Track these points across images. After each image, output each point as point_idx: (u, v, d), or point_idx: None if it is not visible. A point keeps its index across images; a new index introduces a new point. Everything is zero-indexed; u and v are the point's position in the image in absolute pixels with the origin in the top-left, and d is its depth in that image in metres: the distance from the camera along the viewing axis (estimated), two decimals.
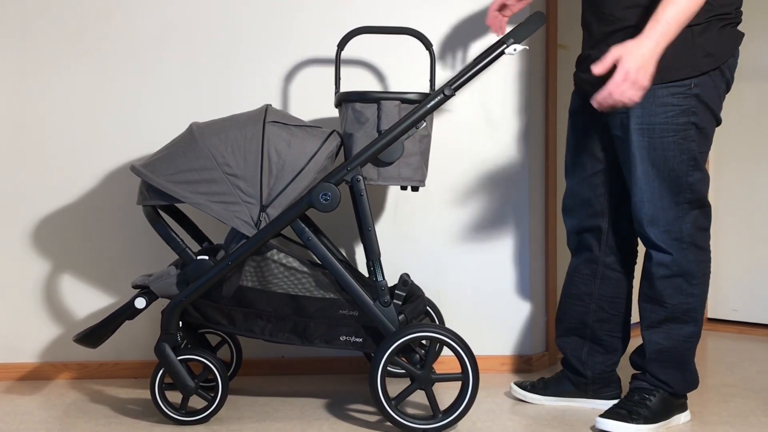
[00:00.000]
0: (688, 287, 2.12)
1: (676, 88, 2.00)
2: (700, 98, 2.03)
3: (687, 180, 2.07)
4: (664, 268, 2.11)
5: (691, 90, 2.02)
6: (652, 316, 2.17)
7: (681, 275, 2.11)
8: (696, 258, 2.11)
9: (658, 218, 2.09)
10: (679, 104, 2.02)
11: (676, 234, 2.09)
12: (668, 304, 2.13)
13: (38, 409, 2.39)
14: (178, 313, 2.16)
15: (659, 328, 2.16)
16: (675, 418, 2.19)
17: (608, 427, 2.11)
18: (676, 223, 2.09)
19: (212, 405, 2.18)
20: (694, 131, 2.05)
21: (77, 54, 2.70)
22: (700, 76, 2.01)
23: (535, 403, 2.40)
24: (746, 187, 3.55)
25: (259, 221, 2.13)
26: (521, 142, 2.78)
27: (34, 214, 2.71)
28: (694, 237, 2.10)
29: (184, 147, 2.14)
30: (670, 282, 2.12)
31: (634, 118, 2.06)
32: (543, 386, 2.42)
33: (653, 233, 2.10)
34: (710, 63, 2.02)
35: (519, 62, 2.77)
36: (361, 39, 2.46)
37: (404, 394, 2.11)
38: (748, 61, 3.47)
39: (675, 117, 2.03)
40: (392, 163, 2.17)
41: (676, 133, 2.04)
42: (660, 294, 2.13)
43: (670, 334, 2.15)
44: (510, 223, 2.79)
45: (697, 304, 2.14)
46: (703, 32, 1.99)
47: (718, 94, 2.06)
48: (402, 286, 2.17)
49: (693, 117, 2.03)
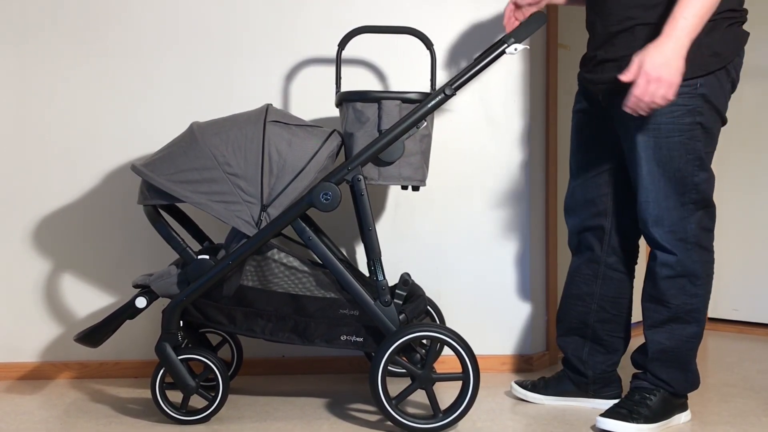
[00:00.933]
0: (692, 288, 2.12)
1: (682, 87, 1.97)
2: (706, 98, 2.02)
3: (693, 180, 2.06)
4: (668, 268, 2.11)
5: (697, 90, 2.01)
6: (655, 316, 2.17)
7: (685, 276, 2.11)
8: (700, 259, 2.11)
9: (663, 218, 2.09)
10: (685, 104, 2.01)
11: (681, 234, 2.09)
12: (672, 304, 2.13)
13: (39, 408, 2.39)
14: (178, 312, 2.16)
15: (662, 328, 2.16)
16: (675, 417, 2.19)
17: (609, 427, 2.11)
18: (681, 224, 2.08)
19: (213, 404, 2.18)
20: (700, 131, 2.04)
21: (78, 53, 2.70)
22: (706, 75, 2.00)
23: (536, 402, 2.40)
24: (747, 187, 3.55)
25: (259, 221, 2.13)
26: (522, 142, 2.78)
27: (35, 214, 2.71)
28: (698, 237, 2.10)
29: (185, 146, 2.14)
30: (674, 282, 2.12)
31: (640, 118, 2.04)
32: (544, 386, 2.42)
33: (658, 233, 2.10)
34: (717, 62, 2.01)
35: (520, 62, 2.77)
36: (362, 38, 2.46)
37: (405, 394, 2.11)
38: (748, 60, 3.47)
39: (681, 117, 2.02)
40: (393, 162, 2.17)
41: (682, 133, 2.03)
42: (664, 294, 2.13)
43: (673, 334, 2.15)
44: (511, 222, 2.79)
45: (701, 304, 2.14)
46: (710, 31, 1.97)
47: (723, 93, 2.05)
48: (402, 285, 2.17)
49: (699, 117, 2.02)
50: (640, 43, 1.99)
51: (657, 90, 1.91)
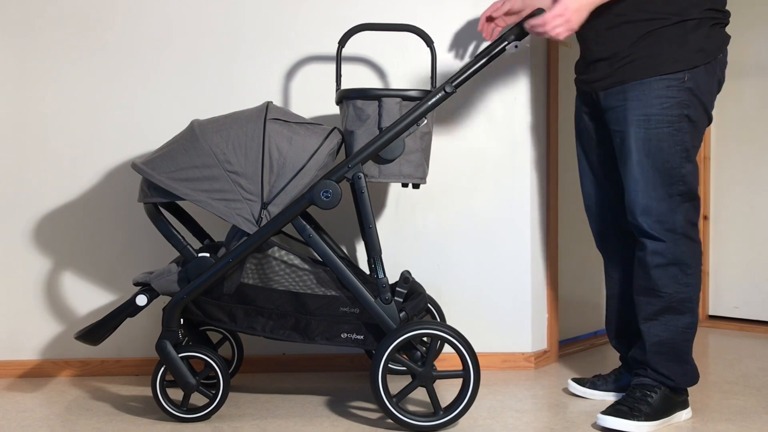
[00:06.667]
0: (684, 277, 2.14)
1: (670, 81, 2.07)
2: (693, 92, 2.09)
3: (680, 171, 2.11)
4: (659, 256, 2.14)
5: (684, 83, 2.08)
6: (648, 308, 2.18)
7: (676, 264, 2.13)
8: (689, 249, 2.15)
9: (651, 208, 2.13)
10: (673, 96, 2.08)
11: (670, 225, 2.13)
12: (664, 293, 2.15)
13: (40, 406, 2.39)
14: (179, 310, 2.16)
15: (657, 320, 2.17)
16: (676, 415, 2.19)
17: (609, 424, 2.11)
18: (669, 215, 2.12)
19: (213, 402, 2.19)
20: (687, 124, 2.10)
21: (78, 52, 2.70)
22: (693, 69, 2.07)
23: (596, 399, 2.40)
24: (747, 185, 3.55)
25: (260, 218, 2.13)
26: (522, 139, 2.78)
27: (35, 212, 2.71)
28: (686, 229, 2.14)
29: (185, 144, 2.14)
30: (665, 271, 2.14)
31: (631, 111, 2.11)
32: (603, 382, 2.43)
33: (646, 222, 2.14)
34: (702, 58, 2.08)
35: (520, 59, 2.77)
36: (363, 36, 2.45)
37: (405, 392, 2.11)
38: (748, 60, 3.48)
39: (669, 109, 2.08)
40: (393, 160, 2.17)
41: (670, 124, 2.09)
42: (656, 284, 2.15)
43: (668, 325, 2.16)
44: (511, 220, 2.78)
45: (693, 294, 2.17)
46: (695, 28, 2.07)
47: (710, 90, 2.13)
48: (403, 283, 2.17)
49: (686, 110, 2.09)
50: (628, 40, 2.10)
51: (559, 26, 2.04)
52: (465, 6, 2.75)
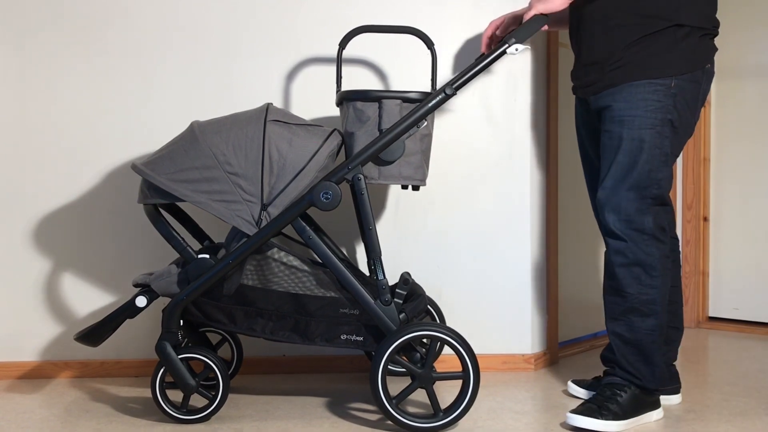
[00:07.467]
0: (647, 278, 2.16)
1: (657, 85, 2.11)
2: (679, 98, 2.13)
3: (656, 175, 2.14)
4: (621, 255, 2.16)
5: (671, 89, 2.12)
6: (614, 308, 2.21)
7: (638, 264, 2.15)
8: (657, 251, 2.16)
9: (621, 207, 2.15)
10: (659, 100, 2.12)
11: (638, 225, 2.15)
12: (627, 293, 2.17)
13: (39, 407, 2.39)
14: (179, 311, 2.16)
15: (621, 321, 2.19)
16: (646, 415, 2.20)
17: (577, 423, 2.12)
18: (638, 215, 2.15)
19: (213, 403, 2.19)
20: (670, 129, 2.14)
21: (78, 53, 2.70)
22: (680, 76, 2.11)
23: None
24: (747, 185, 3.55)
25: (260, 220, 2.13)
26: (522, 141, 2.78)
27: (35, 213, 2.71)
28: (654, 231, 2.16)
29: (185, 145, 2.14)
30: (628, 271, 2.16)
31: (617, 111, 2.15)
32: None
33: (611, 220, 2.16)
34: (690, 66, 2.13)
35: (520, 62, 2.77)
36: (363, 38, 2.45)
37: (405, 393, 2.12)
38: (748, 60, 3.48)
39: (654, 112, 2.12)
40: (393, 162, 2.17)
41: (653, 127, 2.12)
42: (620, 283, 2.18)
43: (632, 326, 2.18)
44: (511, 222, 2.78)
45: (657, 296, 2.17)
46: (686, 37, 2.11)
47: (695, 98, 2.16)
48: (403, 284, 2.17)
49: (670, 114, 2.13)
50: (621, 44, 2.13)
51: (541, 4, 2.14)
52: (465, 7, 2.75)
